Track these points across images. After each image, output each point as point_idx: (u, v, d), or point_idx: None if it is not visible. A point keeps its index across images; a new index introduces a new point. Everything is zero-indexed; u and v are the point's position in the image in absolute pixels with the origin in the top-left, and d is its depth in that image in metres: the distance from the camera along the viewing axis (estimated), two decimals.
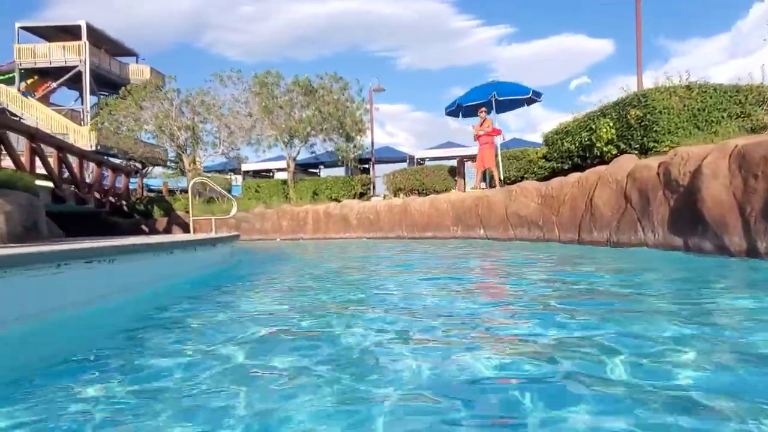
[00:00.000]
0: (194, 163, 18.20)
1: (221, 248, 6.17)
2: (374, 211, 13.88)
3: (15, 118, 27.22)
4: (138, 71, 31.05)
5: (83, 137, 25.61)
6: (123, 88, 19.43)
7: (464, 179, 15.66)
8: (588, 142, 9.36)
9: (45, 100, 29.21)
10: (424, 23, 79.34)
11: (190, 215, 8.40)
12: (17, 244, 6.26)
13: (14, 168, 10.20)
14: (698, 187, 5.53)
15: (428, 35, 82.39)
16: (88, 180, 14.57)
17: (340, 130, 17.43)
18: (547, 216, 8.92)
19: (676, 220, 6.05)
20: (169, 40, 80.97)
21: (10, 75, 28.54)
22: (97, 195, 14.59)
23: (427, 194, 14.55)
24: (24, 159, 10.84)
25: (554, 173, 11.07)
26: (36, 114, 27.07)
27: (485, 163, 12.56)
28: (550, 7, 77.90)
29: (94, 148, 24.60)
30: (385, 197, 16.56)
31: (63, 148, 12.52)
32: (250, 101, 17.42)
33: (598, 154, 9.11)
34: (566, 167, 10.41)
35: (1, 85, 27.53)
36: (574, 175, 8.50)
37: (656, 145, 7.90)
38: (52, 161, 12.11)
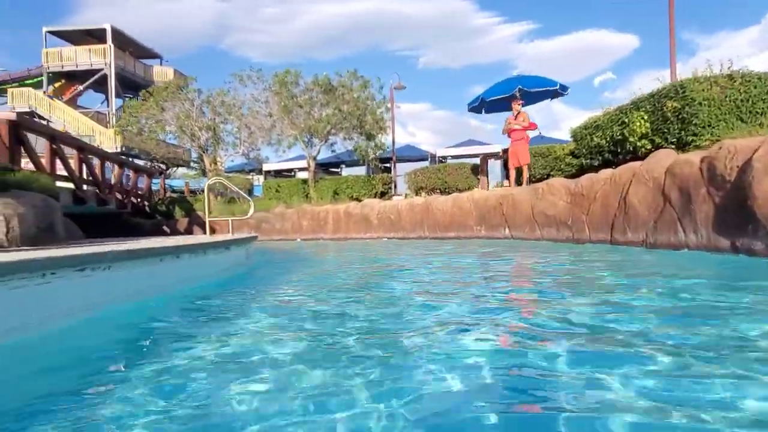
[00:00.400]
0: (215, 163, 18.07)
1: (235, 251, 5.88)
2: (395, 210, 13.52)
3: (43, 121, 27.73)
4: (162, 73, 31.24)
5: (109, 139, 25.79)
6: (144, 89, 19.41)
7: (487, 177, 15.20)
8: (620, 137, 8.83)
9: (72, 102, 29.59)
10: (445, 21, 78.66)
11: (206, 216, 8.15)
12: (29, 246, 6.07)
13: (34, 169, 10.10)
14: (748, 182, 5.02)
15: (449, 33, 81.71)
16: (113, 182, 14.52)
17: (360, 129, 17.09)
18: (577, 215, 8.43)
19: (721, 220, 5.54)
20: (193, 44, 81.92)
21: (39, 79, 28.99)
22: (118, 196, 14.52)
23: (449, 193, 14.12)
24: (45, 160, 10.75)
25: (582, 170, 10.54)
26: (63, 117, 27.44)
27: (521, 159, 11.90)
28: (574, 2, 76.47)
29: (118, 150, 24.80)
30: (406, 196, 16.17)
31: (84, 149, 12.43)
32: (270, 101, 17.22)
33: (631, 149, 8.57)
34: (596, 164, 9.88)
35: (30, 89, 27.98)
36: (606, 172, 8.00)
37: (695, 138, 7.36)
38: (73, 163, 12.03)
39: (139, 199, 16.31)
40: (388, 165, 20.52)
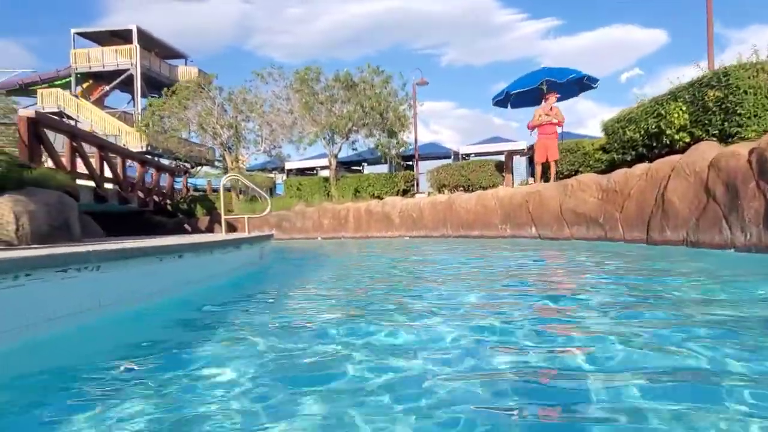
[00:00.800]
0: (237, 161, 17.91)
1: (247, 250, 5.57)
2: (417, 208, 13.12)
3: (71, 121, 28.09)
4: (186, 73, 31.35)
5: (135, 139, 25.95)
6: (165, 88, 19.39)
7: (512, 174, 14.69)
8: (655, 130, 8.28)
9: (100, 103, 29.92)
10: (468, 19, 77.77)
11: (221, 214, 7.90)
12: (39, 245, 5.87)
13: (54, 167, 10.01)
14: None
15: (472, 31, 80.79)
16: (135, 180, 14.46)
17: (382, 126, 16.72)
18: (610, 212, 7.92)
19: None
20: (218, 45, 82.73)
21: (67, 80, 29.37)
22: (140, 194, 14.45)
23: (472, 191, 13.66)
24: (65, 159, 10.67)
25: (614, 166, 9.98)
26: (90, 117, 27.74)
27: (549, 155, 11.39)
28: None
29: (143, 149, 24.93)
30: (429, 194, 15.76)
31: (105, 147, 12.35)
32: (291, 98, 16.97)
33: (668, 142, 8.02)
34: (629, 158, 9.33)
35: (59, 89, 28.36)
36: (641, 166, 7.48)
37: (740, 130, 6.79)
38: (94, 161, 11.95)
39: (161, 198, 16.25)
40: (410, 163, 20.13)
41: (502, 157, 15.61)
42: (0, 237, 6.01)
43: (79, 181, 11.35)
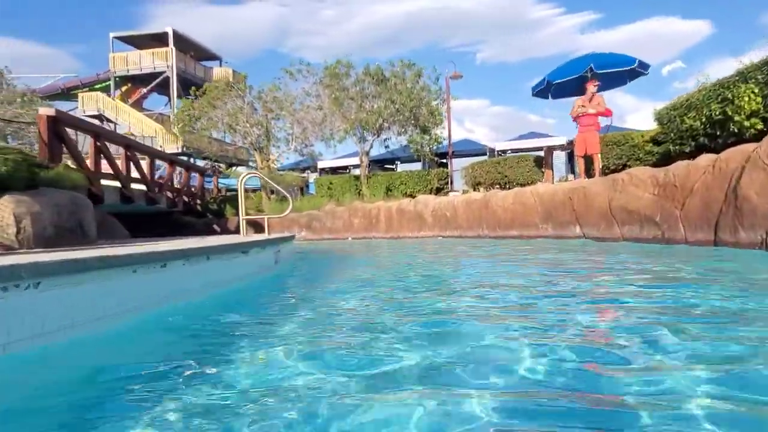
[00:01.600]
0: (267, 160, 17.46)
1: (258, 254, 4.93)
2: (451, 207, 12.32)
3: (110, 124, 28.40)
4: (221, 74, 31.30)
5: (170, 140, 25.97)
6: (193, 87, 19.13)
7: (552, 170, 13.72)
8: (720, 117, 7.25)
9: (138, 105, 30.17)
10: (503, 15, 76.06)
11: (241, 215, 7.33)
12: (42, 248, 5.40)
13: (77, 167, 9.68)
14: None
15: (507, 27, 78.99)
16: (163, 180, 14.17)
17: (415, 122, 15.95)
18: (668, 210, 6.96)
19: None
20: (256, 48, 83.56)
21: (107, 83, 29.72)
22: (169, 194, 14.14)
23: (509, 188, 12.76)
24: (90, 158, 10.35)
25: (668, 158, 8.96)
26: (128, 119, 27.97)
27: (588, 148, 10.46)
28: None
29: (179, 150, 24.90)
30: (463, 192, 14.92)
31: (131, 146, 12.03)
32: (321, 94, 16.40)
33: (736, 130, 6.99)
34: (687, 150, 8.30)
35: (99, 93, 28.70)
36: (707, 157, 6.50)
37: None
38: (121, 162, 11.63)
39: (190, 198, 15.94)
40: (444, 161, 19.31)
41: (540, 153, 14.65)
42: (0, 241, 5.58)
43: (105, 182, 11.07)
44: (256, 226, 15.58)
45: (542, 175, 14.10)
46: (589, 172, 10.68)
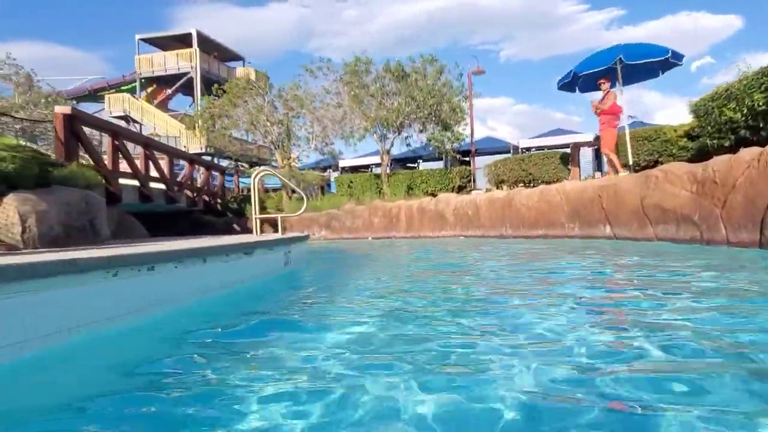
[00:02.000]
0: (287, 159, 17.26)
1: (264, 256, 4.62)
2: (473, 205, 11.88)
3: (135, 125, 28.66)
4: (244, 74, 31.34)
5: (194, 140, 26.06)
6: (215, 86, 19.04)
7: (579, 168, 13.18)
8: (764, 107, 6.69)
9: (163, 106, 30.39)
10: (527, 12, 74.87)
11: (254, 213, 7.06)
12: (48, 248, 5.21)
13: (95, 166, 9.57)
14: None
15: (531, 24, 77.80)
16: (183, 179, 14.07)
17: (436, 119, 15.54)
18: (707, 209, 6.43)
19: None
20: (279, 49, 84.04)
21: (133, 85, 30.01)
22: (189, 193, 14.03)
23: (534, 186, 12.26)
24: (108, 157, 10.25)
25: (704, 154, 8.38)
26: (153, 120, 28.19)
27: (601, 146, 10.31)
28: None
29: (203, 150, 24.96)
30: (486, 191, 14.46)
31: (150, 145, 11.92)
32: (341, 92, 16.11)
33: None
34: (726, 144, 7.72)
35: (125, 94, 29.00)
36: (751, 151, 5.96)
37: None
38: (139, 162, 11.53)
39: (211, 197, 15.83)
40: (467, 159, 18.86)
41: (567, 150, 14.11)
42: (4, 240, 5.40)
43: (124, 181, 10.97)
44: (277, 226, 15.39)
45: (568, 172, 13.55)
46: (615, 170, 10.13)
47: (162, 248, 3.10)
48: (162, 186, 12.53)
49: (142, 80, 29.50)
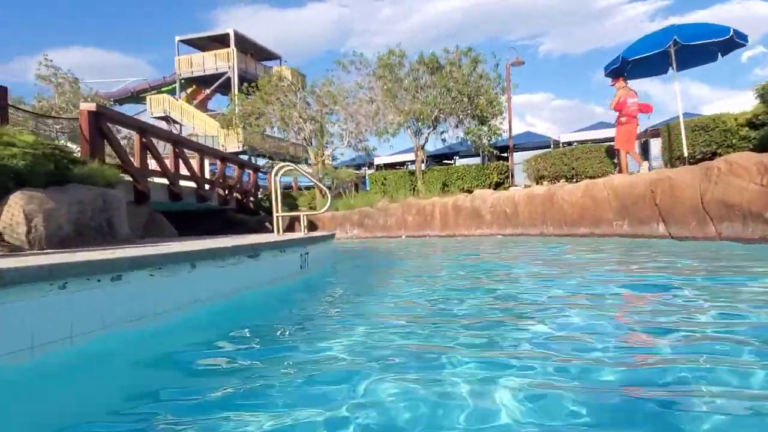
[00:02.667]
0: (321, 156, 16.86)
1: (274, 258, 4.12)
2: (511, 202, 11.13)
3: (175, 125, 28.98)
4: (278, 72, 31.28)
5: (232, 139, 26.08)
6: (246, 83, 18.82)
7: (627, 162, 12.22)
8: None
9: (203, 106, 30.65)
10: (567, 5, 72.45)
11: (274, 211, 6.60)
12: (55, 249, 4.89)
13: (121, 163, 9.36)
14: None
15: (571, 18, 75.33)
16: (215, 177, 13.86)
17: (472, 112, 14.80)
18: None
19: None
20: (318, 50, 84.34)
21: (173, 86, 30.38)
22: (221, 192, 13.80)
23: (577, 182, 11.40)
24: (135, 156, 10.06)
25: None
26: (192, 120, 28.43)
27: (616, 142, 10.70)
28: None
29: (240, 149, 24.94)
30: (525, 187, 13.64)
31: (180, 143, 11.70)
32: (374, 87, 15.56)
33: None
34: None
35: (165, 95, 29.38)
36: None
37: None
38: (169, 160, 11.32)
39: (243, 195, 15.59)
40: (505, 155, 18.03)
41: (612, 143, 13.14)
42: (9, 241, 5.10)
43: (156, 180, 10.79)
44: (312, 225, 15.04)
45: (614, 167, 12.62)
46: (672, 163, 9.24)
47: (137, 253, 2.62)
48: (193, 184, 12.32)
49: (182, 81, 29.81)
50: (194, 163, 12.58)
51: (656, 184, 7.88)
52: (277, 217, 6.55)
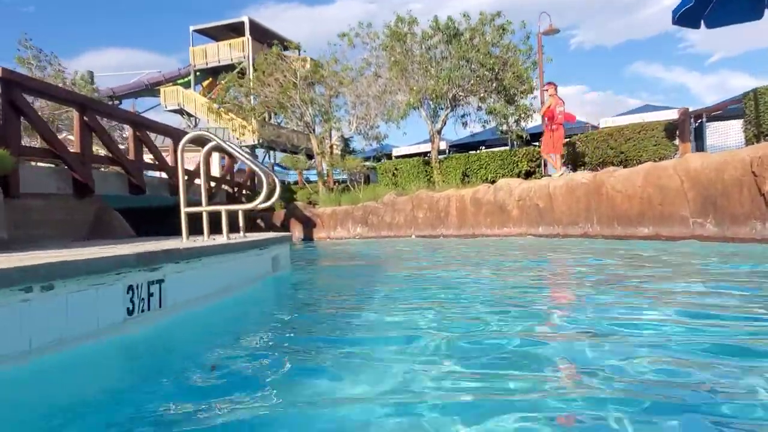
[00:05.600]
0: (321, 144, 14.52)
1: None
2: (545, 193, 8.53)
3: (190, 119, 27.18)
4: (312, 71, 29.06)
5: (246, 132, 24.08)
6: (241, 63, 16.61)
7: (692, 143, 9.48)
8: None
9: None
10: None
11: (182, 207, 4.30)
12: None
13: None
14: None
15: (603, 9, 70.76)
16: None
17: (497, 87, 12.15)
18: None
19: None
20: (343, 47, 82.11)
21: (189, 78, 28.60)
22: (209, 185, 11.63)
23: (627, 167, 8.70)
24: (75, 138, 7.92)
25: None
26: (207, 114, 26.52)
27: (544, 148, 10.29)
28: None
29: (257, 142, 22.94)
30: (560, 176, 10.98)
31: (138, 123, 9.46)
32: (382, 61, 13.02)
33: None
34: None
35: (179, 87, 27.59)
36: None
37: None
38: (129, 144, 9.17)
39: (235, 189, 13.41)
40: (537, 144, 15.26)
41: (674, 116, 10.36)
42: None
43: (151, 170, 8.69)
44: (305, 221, 12.75)
45: (675, 149, 9.86)
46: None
47: None
48: (168, 176, 10.20)
49: (197, 73, 27.96)
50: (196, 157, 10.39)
51: (764, 163, 5.20)
52: (186, 213, 4.24)
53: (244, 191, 13.85)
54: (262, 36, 27.91)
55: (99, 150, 10.36)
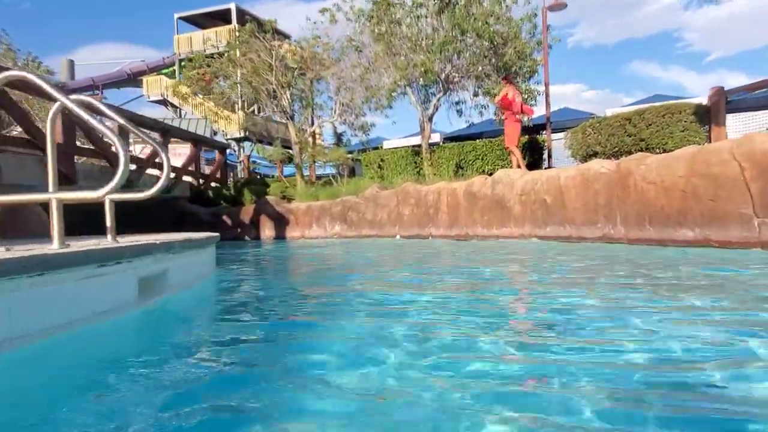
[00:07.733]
0: (300, 132, 12.84)
1: None
2: (554, 186, 6.86)
3: (174, 109, 25.50)
4: (290, 51, 27.36)
5: (233, 123, 22.45)
6: (208, 40, 14.96)
7: (725, 127, 7.86)
8: None
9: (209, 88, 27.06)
10: None
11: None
12: None
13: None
14: None
15: (602, 7, 68.95)
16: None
17: (496, 64, 10.46)
18: None
19: None
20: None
21: (173, 68, 26.92)
22: (177, 175, 9.99)
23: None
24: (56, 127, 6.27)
25: None
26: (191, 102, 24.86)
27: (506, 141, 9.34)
28: None
29: (242, 135, 21.36)
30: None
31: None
32: (367, 38, 11.32)
33: None
34: None
35: (162, 77, 25.88)
36: None
37: None
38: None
39: (203, 181, 11.77)
40: (542, 132, 13.57)
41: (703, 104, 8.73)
42: None
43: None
44: (278, 218, 11.12)
45: (706, 136, 8.23)
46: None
47: None
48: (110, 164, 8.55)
49: (182, 62, 26.25)
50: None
51: None
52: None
53: (212, 183, 12.20)
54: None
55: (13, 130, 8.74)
